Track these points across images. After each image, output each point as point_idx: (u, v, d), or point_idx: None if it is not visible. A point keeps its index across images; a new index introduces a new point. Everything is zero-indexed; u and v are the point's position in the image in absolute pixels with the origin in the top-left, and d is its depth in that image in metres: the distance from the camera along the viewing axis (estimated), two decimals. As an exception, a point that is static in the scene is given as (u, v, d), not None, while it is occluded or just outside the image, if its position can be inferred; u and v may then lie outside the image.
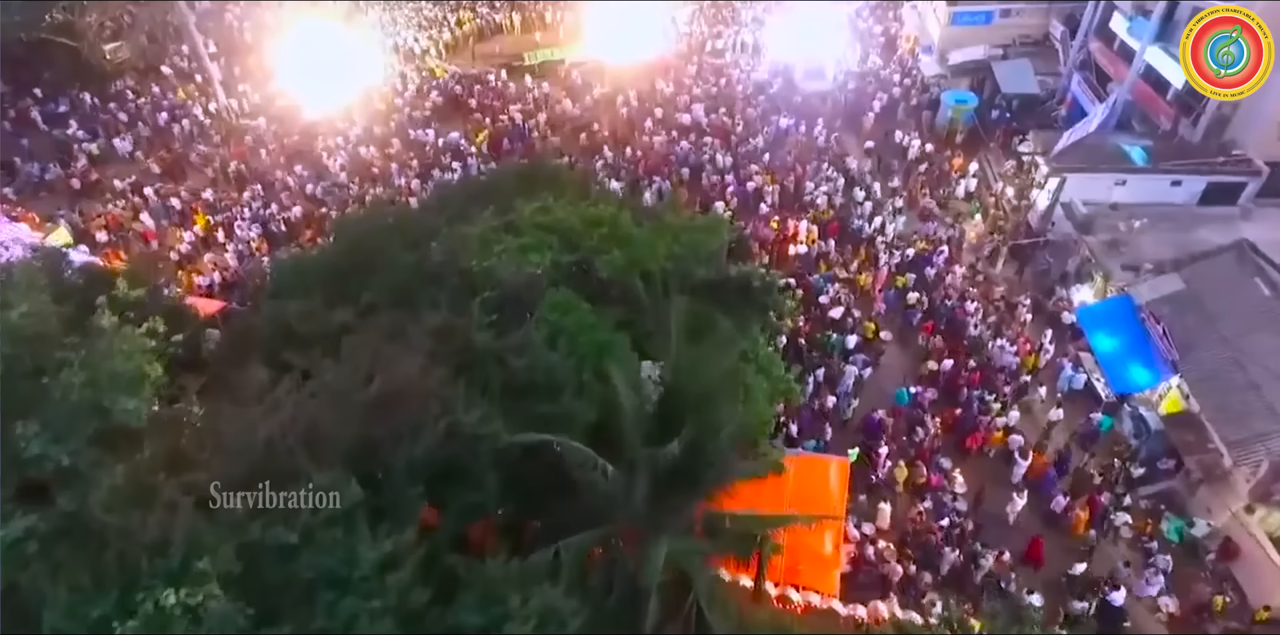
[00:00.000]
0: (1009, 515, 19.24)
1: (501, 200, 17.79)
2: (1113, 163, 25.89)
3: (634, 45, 37.18)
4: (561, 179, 18.92)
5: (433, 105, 35.76)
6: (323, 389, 9.73)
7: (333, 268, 15.36)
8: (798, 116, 33.08)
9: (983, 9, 33.40)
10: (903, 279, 25.13)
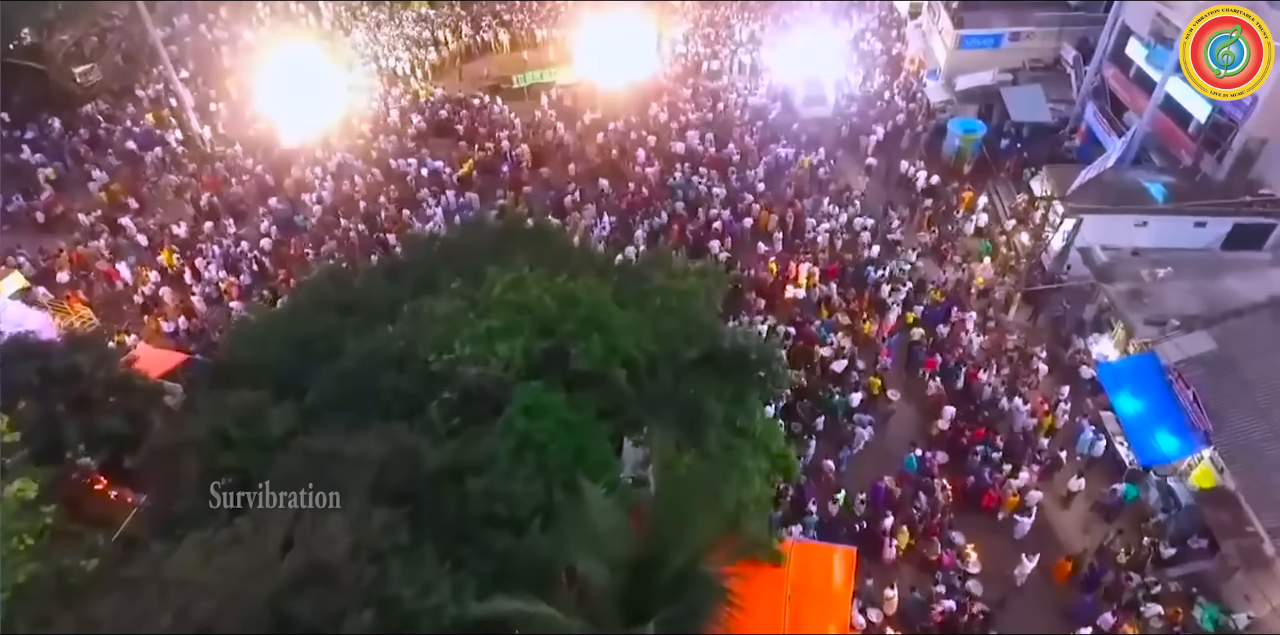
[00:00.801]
0: (1017, 578, 17.80)
1: (474, 263, 16.33)
2: (1132, 201, 24.36)
3: (626, 67, 35.72)
4: (539, 239, 17.42)
5: (416, 131, 34.21)
6: (237, 561, 8.19)
7: (284, 348, 13.84)
8: (797, 145, 31.53)
9: (991, 33, 31.85)
10: (913, 327, 23.64)
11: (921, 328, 23.30)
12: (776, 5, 42.35)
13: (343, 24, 42.65)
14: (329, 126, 34.42)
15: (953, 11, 32.61)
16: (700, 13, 42.14)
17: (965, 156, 30.49)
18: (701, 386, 15.70)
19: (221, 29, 42.72)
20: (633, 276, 16.84)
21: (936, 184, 29.61)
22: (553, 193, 29.67)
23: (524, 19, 42.41)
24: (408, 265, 17.28)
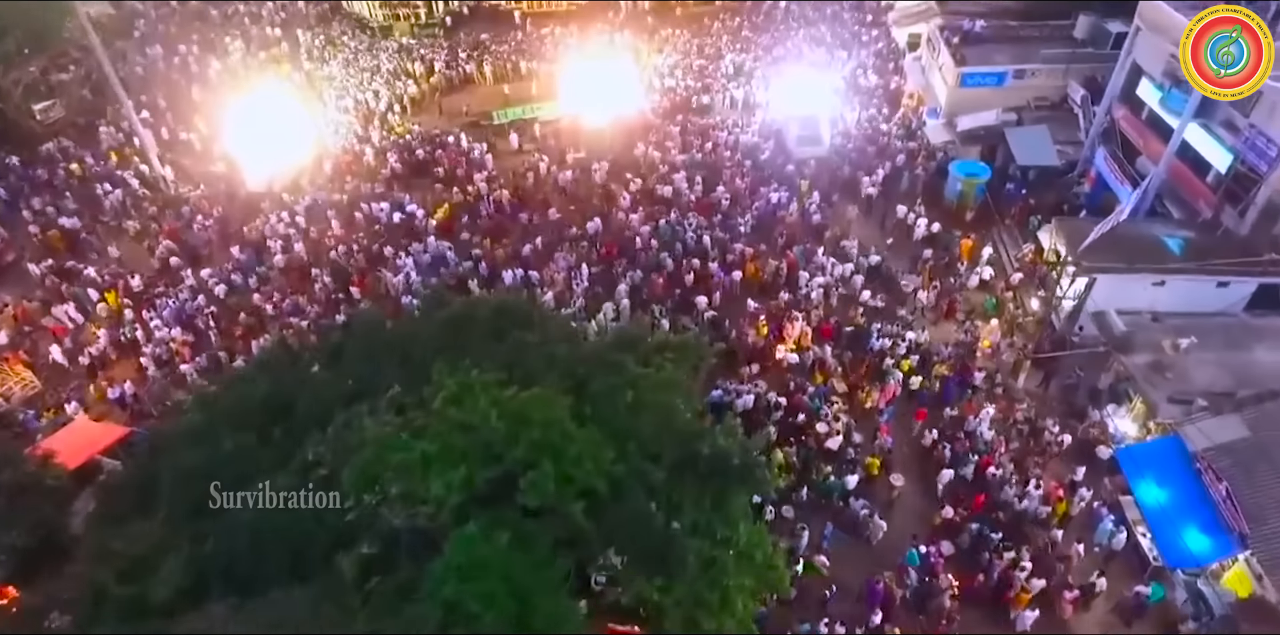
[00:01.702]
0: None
1: (423, 355, 14.60)
2: (1148, 258, 22.63)
3: (613, 102, 34.15)
4: (499, 320, 15.68)
5: (391, 171, 32.52)
6: None
7: (192, 472, 12.04)
8: (791, 188, 29.84)
9: (994, 71, 30.25)
10: (918, 391, 21.92)
11: (927, 407, 21.52)
12: (770, 37, 40.79)
13: (319, 55, 41.05)
14: (299, 167, 32.82)
15: (953, 47, 31.02)
16: (691, 44, 40.55)
17: (968, 202, 28.83)
18: (678, 494, 14.01)
19: (194, 61, 41.07)
20: (600, 367, 15.10)
21: (938, 232, 27.92)
22: (530, 243, 27.91)
23: (507, 50, 40.85)
24: (352, 355, 15.53)
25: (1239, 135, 23.11)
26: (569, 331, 17.66)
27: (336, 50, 41.37)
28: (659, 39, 41.10)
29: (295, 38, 42.80)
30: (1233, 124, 23.60)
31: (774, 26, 41.75)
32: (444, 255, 27.80)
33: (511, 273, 26.24)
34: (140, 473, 13.48)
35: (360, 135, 34.65)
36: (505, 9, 45.18)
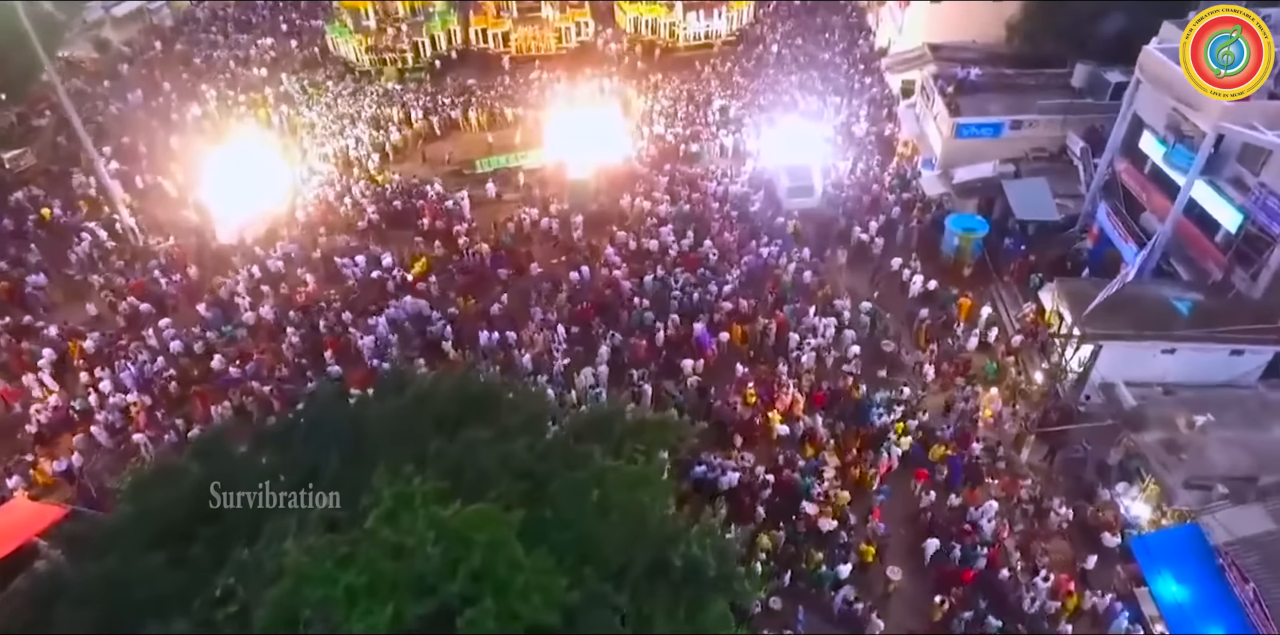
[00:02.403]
0: None
1: (371, 447, 13.32)
2: (1157, 322, 21.40)
3: (599, 150, 33.21)
4: (456, 414, 14.42)
5: (368, 223, 31.44)
6: None
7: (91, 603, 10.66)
8: (782, 242, 28.72)
9: (990, 122, 29.31)
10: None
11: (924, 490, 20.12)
12: (761, 83, 40.05)
13: (301, 99, 40.26)
14: (273, 218, 31.77)
15: (948, 97, 30.14)
16: (681, 89, 39.77)
17: (965, 257, 27.68)
18: (649, 606, 12.65)
19: (175, 105, 40.27)
20: (564, 460, 13.79)
21: (935, 289, 26.74)
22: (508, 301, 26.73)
23: (494, 96, 40.07)
24: (298, 444, 14.25)
25: (1248, 194, 22.04)
26: (537, 413, 16.38)
27: (319, 95, 40.52)
28: (648, 84, 40.30)
29: (279, 81, 42.08)
30: (1241, 182, 22.56)
31: (765, 72, 41.00)
32: (420, 313, 26.61)
33: (488, 334, 25.00)
34: (44, 583, 12.10)
35: (338, 184, 33.64)
36: (494, 53, 44.56)
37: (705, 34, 44.51)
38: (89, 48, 46.50)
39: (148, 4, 50.52)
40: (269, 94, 40.51)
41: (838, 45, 43.37)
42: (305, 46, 46.73)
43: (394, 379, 16.85)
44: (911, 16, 38.00)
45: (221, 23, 50.55)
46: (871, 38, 43.98)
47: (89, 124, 39.23)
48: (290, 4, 53.09)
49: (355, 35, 43.14)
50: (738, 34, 45.22)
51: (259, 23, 50.62)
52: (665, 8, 43.89)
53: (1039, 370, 22.54)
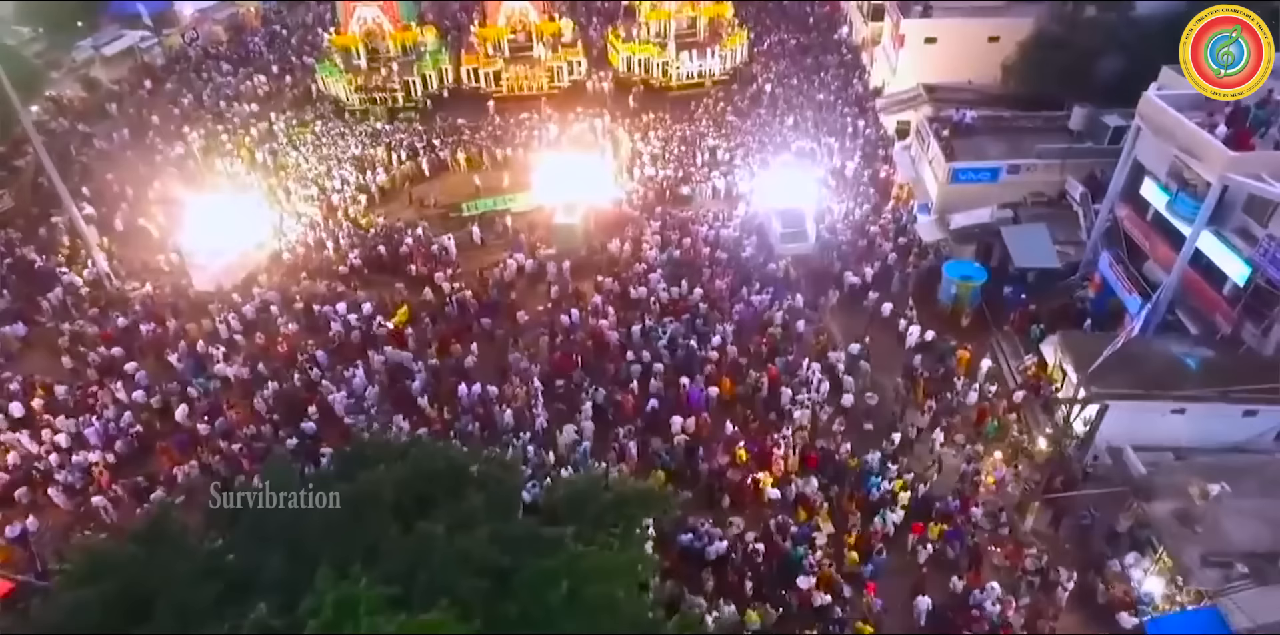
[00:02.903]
0: None
1: (319, 541, 12.34)
2: (1165, 380, 20.46)
3: (588, 193, 32.52)
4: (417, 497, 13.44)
5: (350, 268, 30.61)
6: None
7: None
8: (776, 290, 27.85)
9: (987, 166, 28.62)
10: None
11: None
12: (754, 123, 39.50)
13: (288, 139, 39.68)
14: (253, 263, 30.99)
15: (943, 140, 29.49)
16: (673, 130, 39.21)
17: (963, 306, 26.81)
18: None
19: (160, 145, 39.69)
20: (532, 547, 12.78)
21: (932, 340, 25.82)
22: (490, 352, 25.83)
23: (483, 136, 39.50)
24: (243, 534, 13.25)
25: (1255, 246, 21.21)
26: (507, 491, 15.42)
27: (306, 135, 39.96)
28: (640, 125, 39.75)
29: (268, 120, 41.58)
30: (1248, 233, 21.77)
31: (758, 112, 40.46)
32: (400, 365, 25.67)
33: (467, 388, 24.03)
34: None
35: (322, 227, 32.89)
36: (485, 92, 44.13)
37: (698, 73, 44.13)
38: (78, 87, 46.13)
39: (139, 43, 50.20)
40: (254, 134, 39.95)
41: (832, 85, 42.91)
42: (296, 85, 46.33)
43: (357, 451, 15.89)
44: (906, 57, 37.56)
45: (213, 61, 50.23)
46: (866, 77, 43.55)
47: (73, 164, 38.86)
48: (283, 41, 52.81)
49: (345, 75, 42.77)
50: (731, 73, 44.84)
51: (253, 58, 50.30)
52: (658, 47, 43.57)
53: (1042, 433, 21.48)
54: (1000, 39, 35.99)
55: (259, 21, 56.19)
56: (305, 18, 56.52)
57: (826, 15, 53.78)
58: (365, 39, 43.15)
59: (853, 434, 22.62)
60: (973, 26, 36.37)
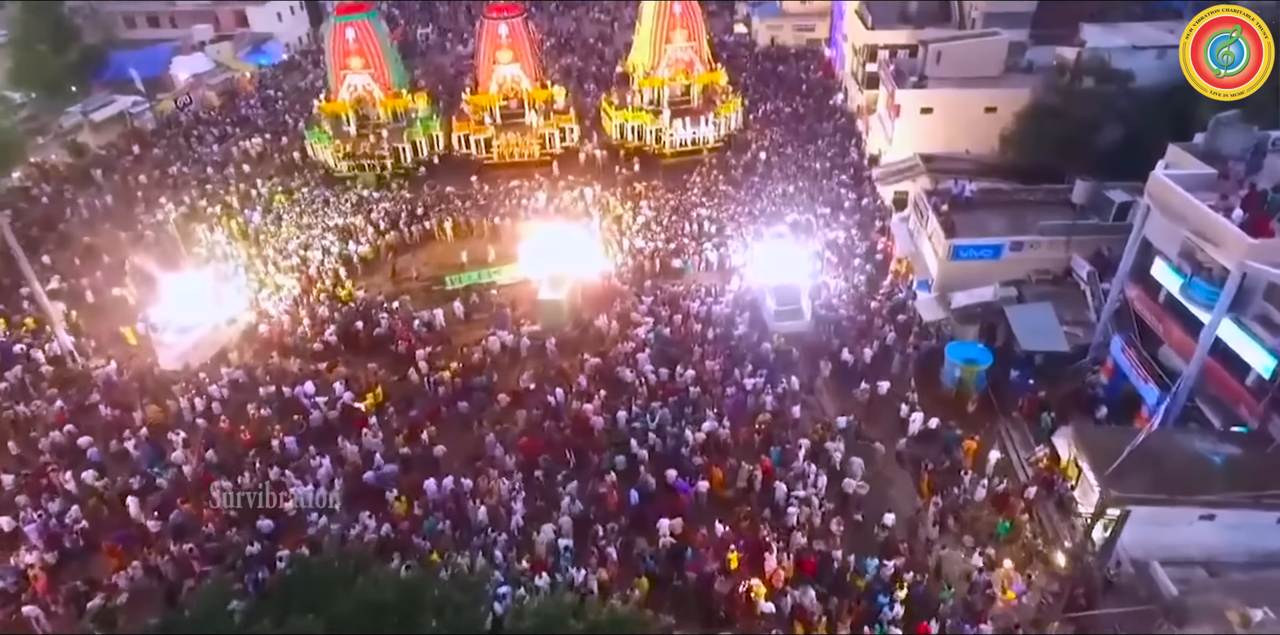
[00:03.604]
0: None
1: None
2: (1192, 483, 18.84)
3: (576, 265, 31.41)
4: None
5: (325, 345, 29.26)
6: None
7: None
8: (769, 373, 26.45)
9: (989, 243, 27.51)
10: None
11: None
12: (748, 192, 38.67)
13: (272, 207, 38.80)
14: (226, 339, 29.68)
15: (942, 215, 28.46)
16: (665, 199, 38.36)
17: (968, 391, 25.35)
18: None
19: (142, 212, 38.81)
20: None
21: (936, 427, 24.31)
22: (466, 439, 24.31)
23: (471, 205, 38.64)
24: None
25: (1279, 335, 19.90)
26: (469, 621, 13.81)
27: (289, 203, 39.12)
28: (632, 193, 38.91)
29: (254, 187, 40.82)
30: (1271, 321, 20.44)
31: (753, 181, 39.68)
32: (369, 453, 24.10)
33: (437, 483, 22.43)
34: None
35: (300, 301, 31.66)
36: (476, 159, 43.54)
37: (692, 141, 43.58)
38: (64, 153, 45.57)
39: (130, 108, 49.93)
40: (236, 201, 39.15)
41: (827, 153, 42.28)
42: (286, 150, 45.80)
43: (300, 574, 14.30)
44: (902, 126, 36.94)
45: (204, 126, 49.89)
46: (863, 146, 42.95)
47: (51, 232, 37.97)
48: (275, 106, 52.57)
49: (334, 141, 42.22)
50: (725, 140, 44.33)
51: (245, 123, 49.92)
52: (652, 115, 43.13)
53: (1060, 541, 19.81)
54: (997, 109, 35.40)
55: (254, 87, 56.17)
56: (299, 83, 56.49)
57: (821, 81, 53.75)
58: (355, 105, 42.77)
59: (852, 534, 20.92)
60: (968, 97, 35.83)
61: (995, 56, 37.59)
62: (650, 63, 42.98)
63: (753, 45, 60.76)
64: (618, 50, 57.77)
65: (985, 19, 42.11)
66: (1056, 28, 41.52)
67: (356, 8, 41.90)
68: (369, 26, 41.57)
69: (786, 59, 57.60)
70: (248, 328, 30.39)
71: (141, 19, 64.75)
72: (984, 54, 37.57)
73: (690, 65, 43.36)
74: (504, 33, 42.15)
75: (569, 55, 60.06)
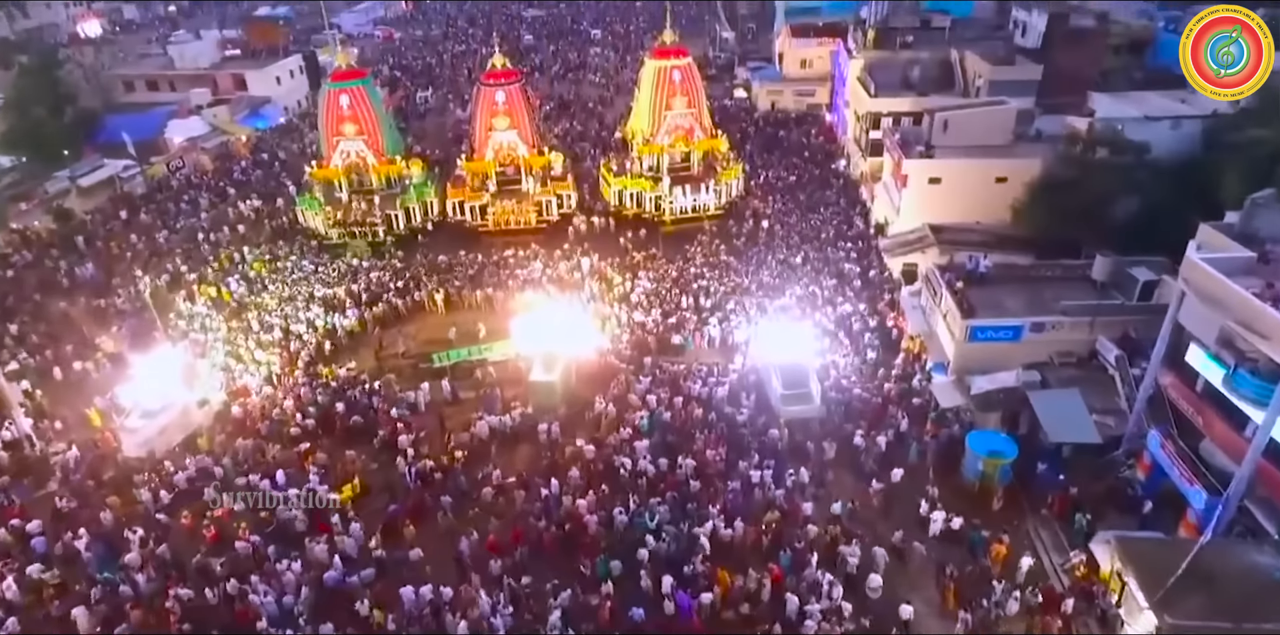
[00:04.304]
0: None
1: None
2: (1255, 607, 16.81)
3: (570, 342, 29.78)
4: None
5: (302, 430, 27.41)
6: None
7: None
8: (776, 463, 24.58)
9: (1008, 325, 25.93)
10: None
11: None
12: (751, 263, 37.31)
13: (256, 278, 37.40)
14: (196, 422, 27.87)
15: (957, 293, 26.95)
16: (665, 270, 36.95)
17: (993, 486, 23.44)
18: None
19: (121, 284, 37.37)
20: None
21: (959, 528, 22.33)
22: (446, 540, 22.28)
23: (463, 275, 37.26)
24: None
25: (1338, 435, 18.15)
26: None
27: (274, 273, 37.75)
28: (630, 263, 37.54)
29: (241, 253, 39.54)
30: (1325, 418, 18.68)
31: (756, 251, 38.36)
32: (343, 555, 22.06)
33: (414, 592, 20.35)
34: None
35: (277, 380, 29.93)
36: (471, 226, 42.39)
37: (693, 208, 42.47)
38: (49, 219, 44.43)
39: (120, 172, 49.06)
40: (215, 271, 37.80)
41: (832, 221, 41.08)
42: (276, 216, 44.69)
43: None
44: (909, 196, 35.73)
45: (196, 190, 48.93)
46: (869, 215, 41.76)
47: (26, 303, 36.46)
48: (269, 170, 51.72)
49: (325, 208, 41.10)
50: (726, 207, 43.21)
51: (238, 187, 48.96)
52: (651, 182, 42.11)
53: None
54: (1008, 179, 34.26)
55: (249, 150, 55.49)
56: (293, 147, 55.79)
57: (822, 146, 53.06)
58: (348, 172, 41.80)
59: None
60: (978, 167, 34.72)
61: (1004, 125, 36.66)
62: (650, 129, 42.16)
63: (753, 110, 60.39)
64: (618, 113, 57.47)
65: (991, 87, 41.44)
66: (1062, 95, 40.94)
67: (352, 74, 41.22)
68: (363, 93, 40.87)
69: (787, 124, 57.11)
70: (221, 409, 28.60)
71: (141, 83, 64.92)
72: (992, 123, 36.64)
73: (690, 132, 42.51)
74: (501, 99, 41.43)
75: (568, 118, 59.65)
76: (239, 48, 67.74)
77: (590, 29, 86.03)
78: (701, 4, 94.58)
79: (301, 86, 66.20)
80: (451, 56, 78.22)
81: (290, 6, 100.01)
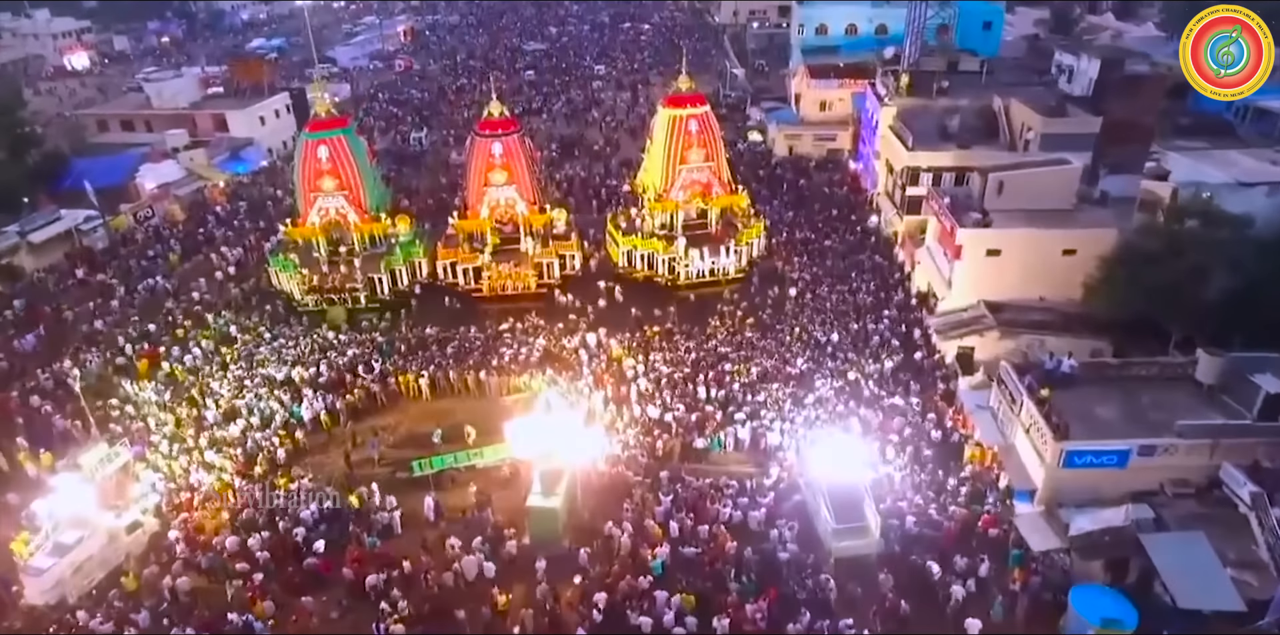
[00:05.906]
0: None
1: None
2: None
3: (574, 447, 25.04)
4: None
5: (252, 564, 22.59)
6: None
7: None
8: (832, 621, 19.77)
9: (1113, 449, 21.27)
10: None
11: None
12: (779, 342, 32.61)
13: (214, 356, 32.74)
14: (121, 555, 23.09)
15: (1042, 403, 22.31)
16: (682, 348, 32.29)
17: (1108, 663, 18.65)
18: None
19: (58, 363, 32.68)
20: None
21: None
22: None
23: (454, 353, 32.63)
24: None
25: None
26: None
27: (241, 345, 33.18)
28: (641, 340, 32.85)
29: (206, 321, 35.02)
30: None
31: (788, 325, 33.58)
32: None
33: None
34: None
35: (230, 494, 25.12)
36: (463, 290, 37.94)
37: (710, 271, 38.02)
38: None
39: (80, 224, 44.61)
40: (171, 345, 33.25)
41: (868, 289, 36.33)
42: (247, 277, 40.24)
43: None
44: (963, 268, 31.15)
45: (163, 244, 44.49)
46: (906, 281, 37.16)
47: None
48: (244, 221, 47.31)
49: (300, 271, 36.64)
50: (747, 268, 38.78)
51: (211, 240, 44.57)
52: (664, 242, 37.73)
53: None
54: (1077, 252, 29.86)
55: (225, 198, 51.13)
56: (276, 193, 51.33)
57: (846, 198, 48.54)
58: (326, 230, 37.43)
59: None
60: (1043, 238, 30.29)
61: (1067, 187, 32.38)
62: (663, 184, 37.86)
63: (769, 154, 56.20)
64: (626, 158, 53.32)
65: (1042, 140, 37.26)
66: (1116, 149, 36.57)
67: (332, 123, 36.95)
68: (344, 143, 36.58)
69: (807, 171, 52.80)
70: (156, 532, 23.86)
71: (115, 123, 60.76)
72: (1053, 184, 32.35)
73: (708, 187, 38.20)
74: (498, 151, 37.14)
75: (572, 163, 55.49)
76: (221, 85, 63.78)
77: (594, 64, 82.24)
78: (708, 39, 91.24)
79: (288, 126, 61.85)
80: (451, 92, 74.26)
81: (285, 39, 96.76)
